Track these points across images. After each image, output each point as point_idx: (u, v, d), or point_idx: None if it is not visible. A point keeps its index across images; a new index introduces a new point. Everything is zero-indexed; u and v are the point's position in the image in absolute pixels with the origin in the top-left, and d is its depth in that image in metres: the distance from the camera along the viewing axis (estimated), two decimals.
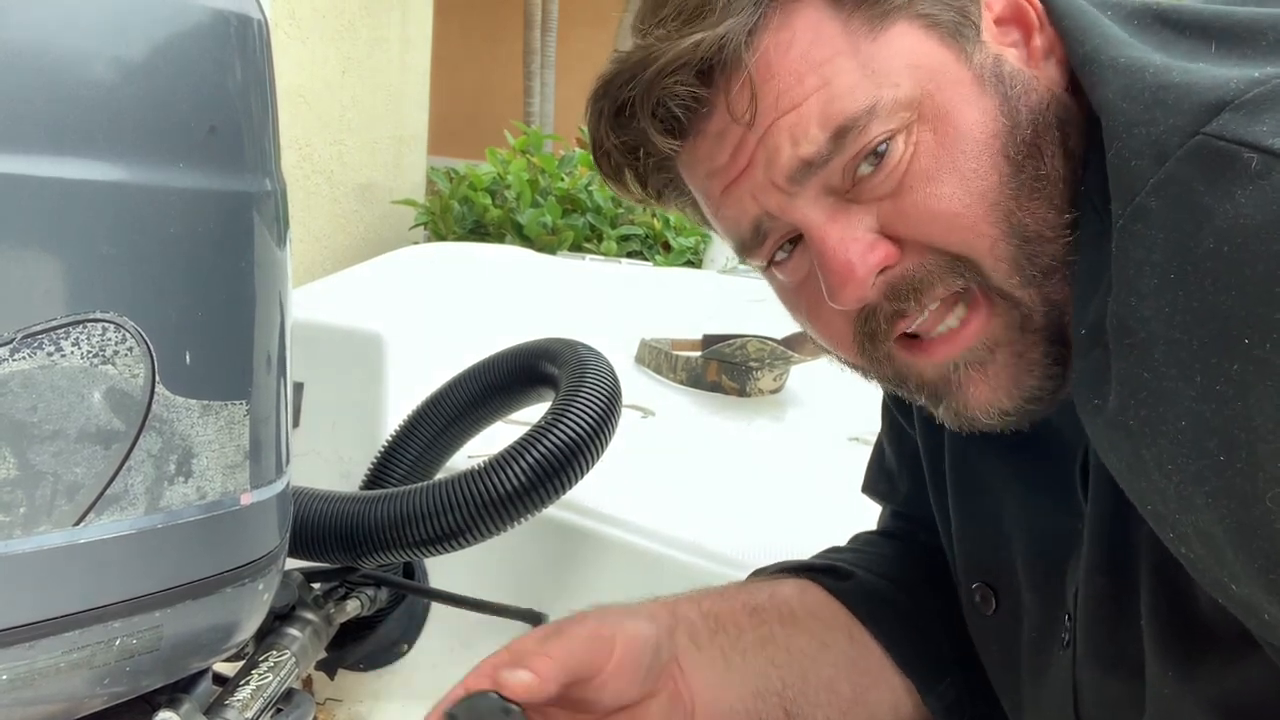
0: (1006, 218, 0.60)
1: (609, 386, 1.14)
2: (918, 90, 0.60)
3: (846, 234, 0.62)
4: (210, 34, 0.70)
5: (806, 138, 0.61)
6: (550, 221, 4.16)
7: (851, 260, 0.62)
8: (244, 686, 0.97)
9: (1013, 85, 0.62)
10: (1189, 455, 0.51)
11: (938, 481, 0.83)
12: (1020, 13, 0.65)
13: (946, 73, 0.61)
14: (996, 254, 0.61)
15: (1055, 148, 0.61)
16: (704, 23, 0.60)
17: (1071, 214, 0.61)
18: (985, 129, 0.60)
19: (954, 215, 0.60)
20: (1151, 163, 0.52)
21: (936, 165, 0.60)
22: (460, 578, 1.39)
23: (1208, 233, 0.49)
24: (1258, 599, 0.51)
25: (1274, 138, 0.49)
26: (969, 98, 0.61)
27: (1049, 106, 0.62)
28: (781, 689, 0.78)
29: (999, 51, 0.63)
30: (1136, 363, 0.52)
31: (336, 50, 4.06)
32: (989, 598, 0.78)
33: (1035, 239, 0.61)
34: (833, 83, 0.60)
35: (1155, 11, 0.62)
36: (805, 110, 0.60)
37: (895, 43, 0.61)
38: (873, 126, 0.60)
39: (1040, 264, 0.61)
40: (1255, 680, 0.58)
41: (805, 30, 0.61)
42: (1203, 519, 0.51)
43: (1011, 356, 0.63)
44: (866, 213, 0.62)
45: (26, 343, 0.62)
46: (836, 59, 0.60)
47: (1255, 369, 0.48)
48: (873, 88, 0.60)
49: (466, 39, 7.81)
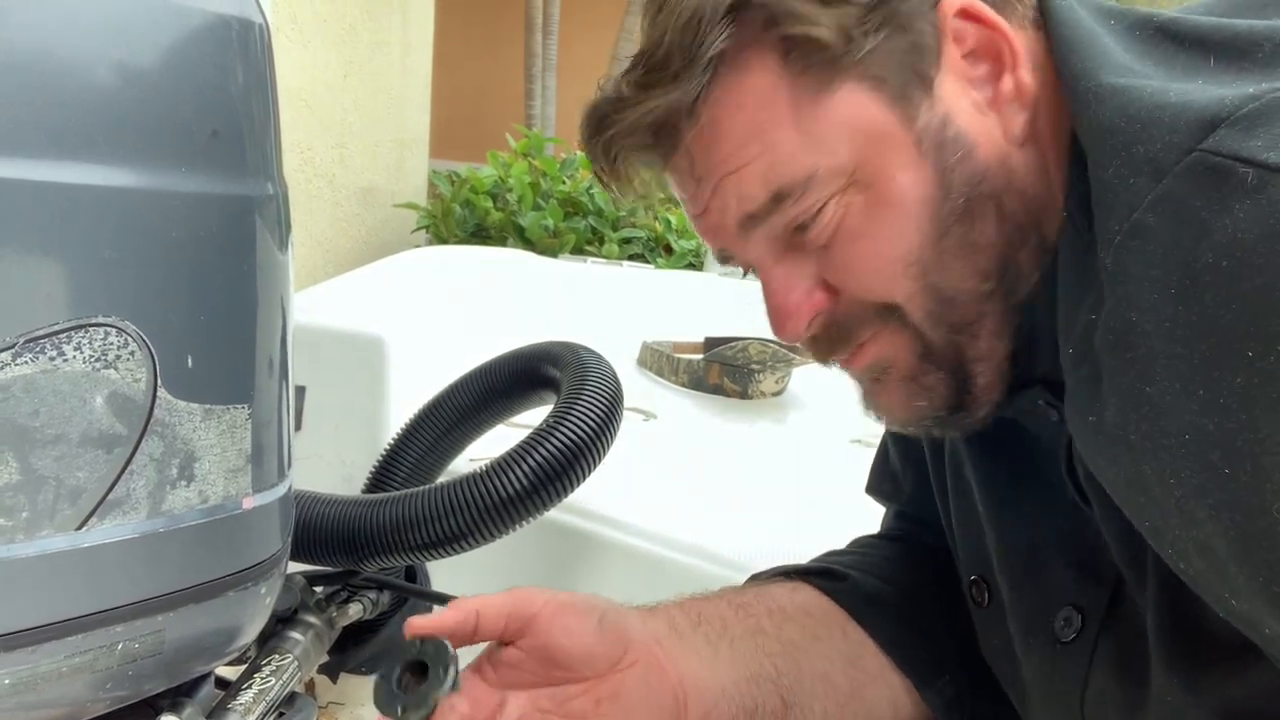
0: (924, 276, 0.64)
1: (611, 389, 1.14)
2: (855, 157, 0.63)
3: (787, 281, 0.68)
4: (212, 38, 0.70)
5: (749, 196, 0.65)
6: (552, 224, 4.16)
7: (788, 306, 0.68)
8: (246, 690, 0.97)
9: (954, 151, 0.63)
10: (1192, 468, 0.51)
11: (940, 476, 0.83)
12: (994, 50, 0.64)
13: (887, 138, 0.63)
14: (913, 304, 0.65)
15: (991, 213, 0.63)
16: (658, 87, 0.64)
17: (992, 282, 0.64)
18: (915, 195, 0.63)
19: (873, 272, 0.65)
20: (1149, 179, 0.53)
21: (861, 227, 0.64)
22: (462, 581, 1.39)
23: (1206, 247, 0.49)
24: (1259, 613, 0.51)
25: (1268, 152, 0.49)
26: (905, 163, 0.63)
27: (990, 172, 0.63)
28: (777, 676, 0.77)
29: (950, 106, 0.63)
30: (1138, 377, 0.52)
31: (338, 54, 4.07)
32: (983, 590, 0.79)
33: (950, 300, 0.65)
34: (775, 149, 0.64)
35: (1157, 24, 0.62)
36: (748, 172, 0.64)
37: (839, 108, 0.63)
38: (809, 195, 0.64)
39: (952, 320, 0.65)
40: (1260, 688, 0.58)
41: (754, 92, 0.64)
42: (1204, 533, 0.51)
43: (905, 379, 0.68)
44: (808, 260, 0.67)
45: (29, 347, 0.62)
46: (781, 125, 0.63)
47: (1258, 381, 0.48)
48: (812, 156, 0.63)
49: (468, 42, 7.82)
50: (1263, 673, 0.57)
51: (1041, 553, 0.72)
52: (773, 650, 0.78)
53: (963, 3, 0.63)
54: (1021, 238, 0.64)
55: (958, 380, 0.67)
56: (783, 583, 0.86)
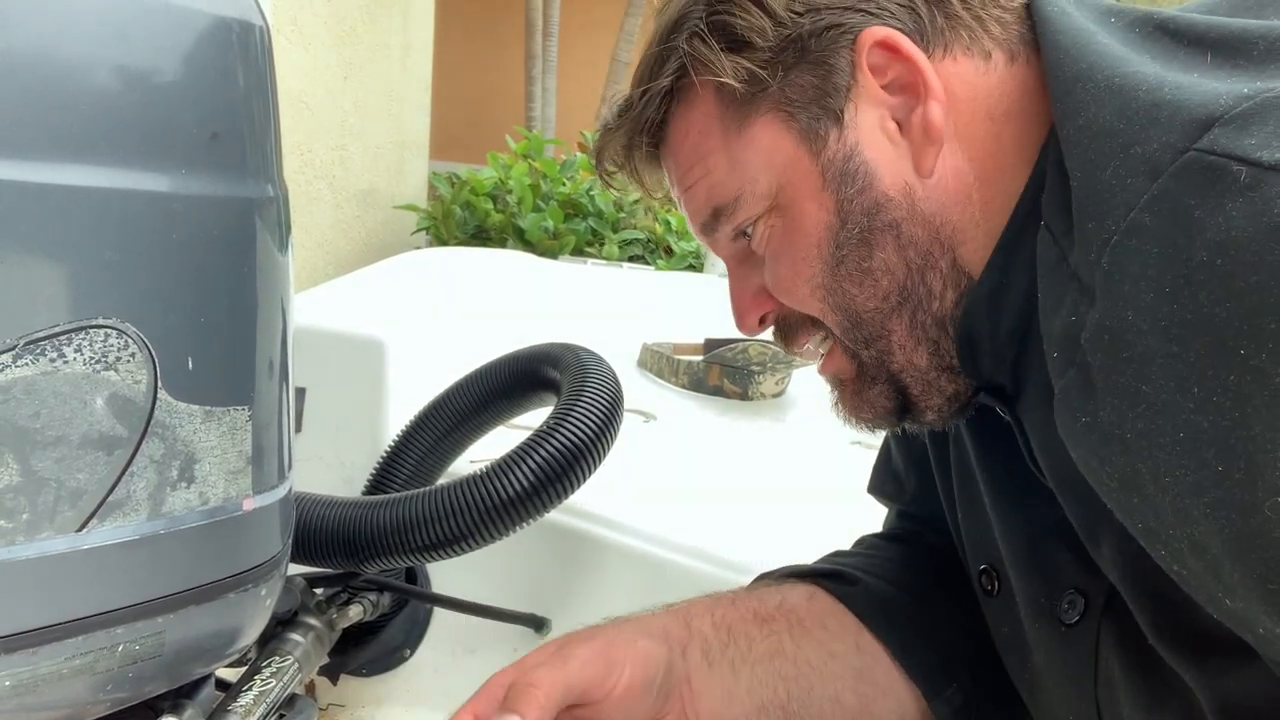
0: (830, 297, 0.71)
1: (611, 391, 1.14)
2: (773, 184, 0.70)
3: (740, 285, 0.77)
4: (212, 40, 0.70)
5: (698, 210, 0.75)
6: (552, 226, 4.16)
7: (738, 305, 0.78)
8: (247, 692, 0.97)
9: (854, 183, 0.68)
10: (1187, 467, 0.51)
11: (943, 468, 0.83)
12: (910, 83, 0.67)
13: (797, 168, 0.69)
14: (828, 319, 0.72)
15: (890, 242, 0.68)
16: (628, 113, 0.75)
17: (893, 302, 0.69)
18: (818, 223, 0.69)
19: (790, 291, 0.73)
20: (1146, 180, 0.53)
21: (779, 249, 0.72)
22: (463, 583, 1.39)
23: (1200, 246, 0.50)
24: (1253, 613, 0.51)
25: (1262, 150, 0.49)
26: (811, 194, 0.69)
27: (889, 203, 0.68)
28: (785, 701, 0.79)
29: (860, 136, 0.68)
30: (1134, 376, 0.52)
31: (338, 56, 4.07)
32: (993, 579, 0.79)
33: (855, 318, 0.71)
34: (711, 174, 0.73)
35: (1156, 21, 0.63)
36: (695, 190, 0.74)
37: (758, 139, 0.70)
38: (739, 214, 0.72)
39: (862, 335, 0.71)
40: (1255, 684, 0.58)
41: (697, 123, 0.73)
42: (1199, 531, 0.51)
43: (853, 392, 0.75)
44: (759, 267, 0.75)
45: (29, 349, 0.62)
46: (715, 152, 0.72)
47: (1252, 379, 0.48)
48: (739, 182, 0.72)
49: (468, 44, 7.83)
50: (1257, 671, 0.57)
51: (1043, 538, 0.73)
52: (788, 674, 0.81)
53: (882, 35, 0.67)
54: (927, 262, 0.68)
55: (895, 390, 0.73)
56: (797, 587, 0.86)
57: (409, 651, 1.46)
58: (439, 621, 1.46)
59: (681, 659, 0.76)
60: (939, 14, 0.67)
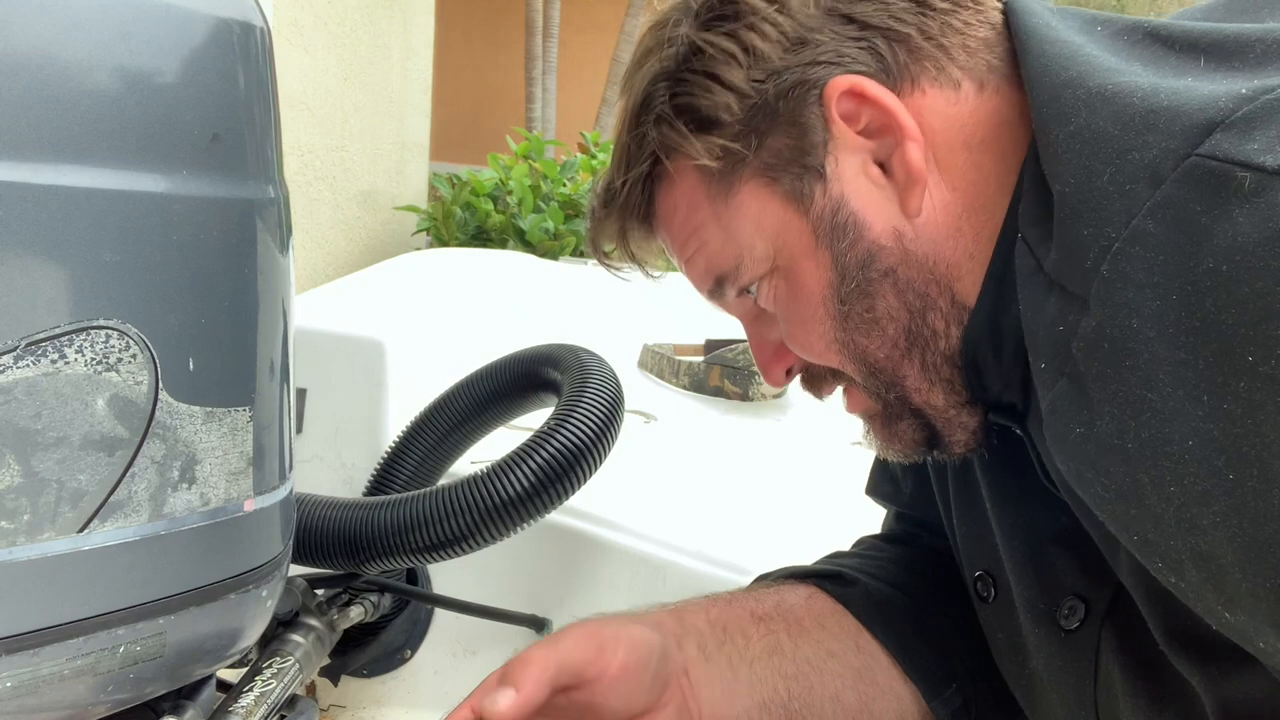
0: (844, 348, 0.70)
1: (611, 392, 1.14)
2: (770, 248, 0.70)
3: (759, 342, 0.78)
4: (213, 42, 0.70)
5: (700, 279, 0.75)
6: (552, 227, 4.16)
7: (763, 362, 0.78)
8: (248, 693, 0.97)
9: (844, 235, 0.68)
10: (1195, 475, 0.50)
11: (940, 474, 0.83)
12: (885, 127, 0.66)
13: (789, 230, 0.69)
14: (850, 370, 0.72)
15: (889, 288, 0.68)
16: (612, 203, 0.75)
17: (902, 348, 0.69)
18: (819, 279, 0.69)
19: (805, 348, 0.73)
20: (1147, 186, 0.53)
21: (788, 309, 0.72)
22: (464, 583, 1.39)
23: (1206, 252, 0.49)
24: (1255, 626, 0.51)
25: (1265, 155, 0.49)
26: (807, 252, 0.69)
27: (882, 251, 0.68)
28: (787, 699, 0.79)
29: (845, 187, 0.68)
30: (1139, 384, 0.52)
31: (338, 57, 4.07)
32: (989, 585, 0.79)
33: (871, 364, 0.70)
34: (707, 245, 0.73)
35: (1146, 29, 0.62)
36: (695, 261, 0.74)
37: (745, 207, 0.70)
38: (742, 278, 0.72)
39: (881, 380, 0.71)
40: (1256, 690, 0.58)
41: (682, 198, 0.73)
42: (1207, 541, 0.51)
43: (881, 427, 0.74)
44: (773, 323, 0.75)
45: (30, 350, 0.62)
46: (706, 224, 0.72)
47: (1261, 385, 0.48)
48: (736, 249, 0.71)
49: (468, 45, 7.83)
50: (1258, 676, 0.56)
51: (1044, 544, 0.72)
52: (788, 672, 0.80)
53: (847, 84, 0.66)
54: (925, 303, 0.68)
55: (922, 423, 0.72)
56: (795, 587, 0.86)
57: (410, 652, 1.46)
58: (440, 622, 1.46)
59: (677, 648, 0.76)
60: (900, 50, 0.66)
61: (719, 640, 0.79)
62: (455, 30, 6.98)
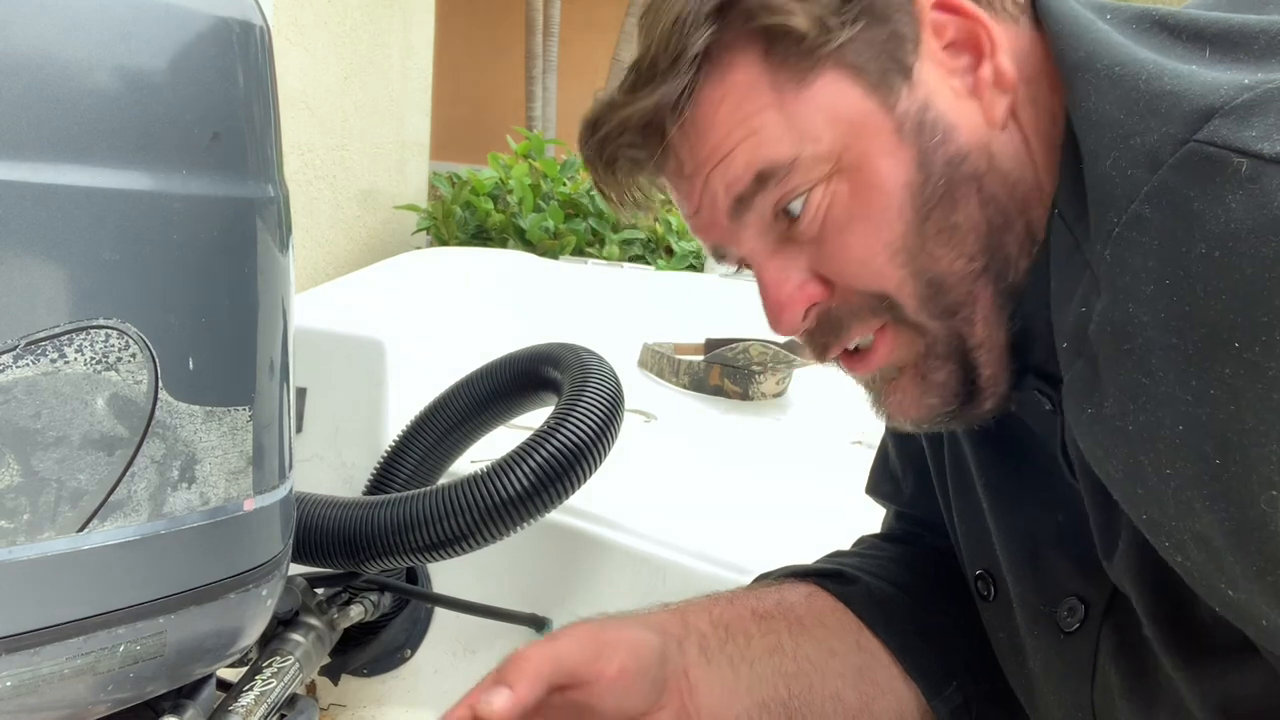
0: (911, 262, 0.64)
1: (611, 391, 1.14)
2: (838, 144, 0.64)
3: (782, 274, 0.68)
4: (213, 41, 0.70)
5: (736, 178, 0.66)
6: (552, 226, 4.16)
7: (782, 300, 0.68)
8: (248, 692, 0.97)
9: (933, 134, 0.64)
10: (1186, 459, 0.51)
11: (941, 475, 0.83)
12: (972, 39, 0.65)
13: (867, 124, 0.64)
14: (904, 292, 0.65)
15: (972, 195, 0.64)
16: (647, 88, 0.66)
17: (979, 263, 0.64)
18: (898, 179, 0.64)
19: (861, 262, 0.65)
20: (1145, 171, 0.53)
21: (848, 215, 0.65)
22: (463, 583, 1.39)
23: (1199, 238, 0.50)
24: (1256, 604, 0.52)
25: (1263, 142, 0.49)
26: (886, 149, 0.64)
27: (971, 154, 0.64)
28: (787, 698, 0.79)
29: (931, 91, 0.65)
30: (1135, 368, 0.53)
31: (339, 56, 4.07)
32: (989, 584, 0.79)
33: (939, 283, 0.65)
34: (760, 132, 0.65)
35: (1154, 18, 0.62)
36: (734, 156, 0.66)
37: (819, 96, 0.64)
38: (793, 178, 0.65)
39: (944, 304, 0.65)
40: (1255, 684, 0.58)
41: (737, 86, 0.66)
42: (1202, 524, 0.52)
43: (916, 378, 0.68)
44: (802, 252, 0.68)
45: (30, 349, 0.62)
46: (765, 111, 0.65)
47: (1245, 372, 0.48)
48: (795, 141, 0.65)
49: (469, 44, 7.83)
50: (1257, 670, 0.57)
51: (1043, 545, 0.72)
52: (788, 671, 0.80)
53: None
54: (1005, 221, 0.65)
55: (964, 371, 0.67)
56: (796, 586, 0.86)
57: (410, 651, 1.46)
58: (440, 622, 1.46)
59: (678, 651, 0.76)
60: None
61: (721, 640, 0.79)
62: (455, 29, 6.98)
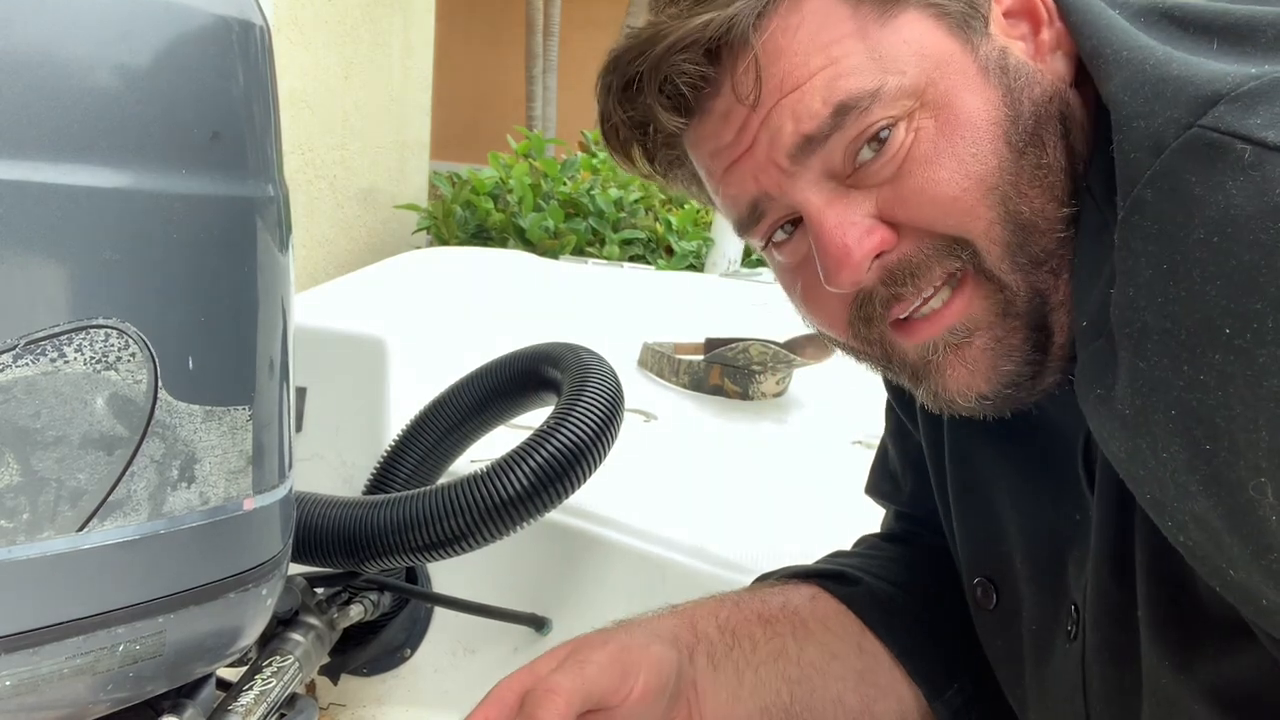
0: (1003, 202, 0.61)
1: (611, 391, 1.14)
2: (923, 78, 0.61)
3: (844, 218, 0.63)
4: (212, 40, 0.70)
5: (809, 113, 0.62)
6: (552, 226, 4.16)
7: (848, 244, 0.63)
8: (247, 692, 0.97)
9: (1017, 77, 0.63)
10: (1181, 443, 0.51)
11: (940, 478, 0.83)
12: (1030, 6, 0.65)
13: (952, 62, 0.62)
14: (991, 236, 0.62)
15: (1058, 139, 0.62)
16: (715, 3, 0.61)
17: (1071, 207, 0.61)
18: (987, 116, 0.61)
19: (951, 199, 0.61)
20: (1149, 155, 0.53)
21: (936, 151, 0.61)
22: (463, 582, 1.39)
23: (1198, 223, 0.50)
24: (1256, 584, 0.52)
25: (1266, 130, 0.49)
26: (973, 86, 0.62)
27: (1052, 99, 0.63)
28: (789, 703, 0.79)
29: (1005, 44, 0.64)
30: (1133, 352, 0.53)
31: (339, 55, 4.07)
32: (990, 592, 0.79)
33: (1030, 226, 0.62)
34: (840, 62, 0.61)
35: (1162, 9, 0.63)
36: (809, 87, 0.61)
37: (903, 30, 0.62)
38: (875, 110, 0.61)
39: (1032, 251, 0.62)
40: (1250, 670, 0.58)
41: (814, 14, 0.62)
42: (1199, 506, 0.52)
43: (990, 340, 0.64)
44: (866, 198, 0.63)
45: (30, 349, 0.62)
46: (845, 40, 0.62)
47: (1235, 359, 0.48)
48: (879, 72, 0.61)
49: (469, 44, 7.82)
50: (1252, 656, 0.57)
51: (1060, 550, 0.72)
52: (791, 676, 0.80)
53: None
54: (1086, 169, 0.63)
55: (1039, 336, 0.63)
56: (800, 588, 0.86)
57: (410, 651, 1.46)
58: (439, 621, 1.46)
59: (689, 663, 0.76)
60: None
61: (727, 647, 0.79)
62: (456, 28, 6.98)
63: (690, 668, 0.76)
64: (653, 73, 0.63)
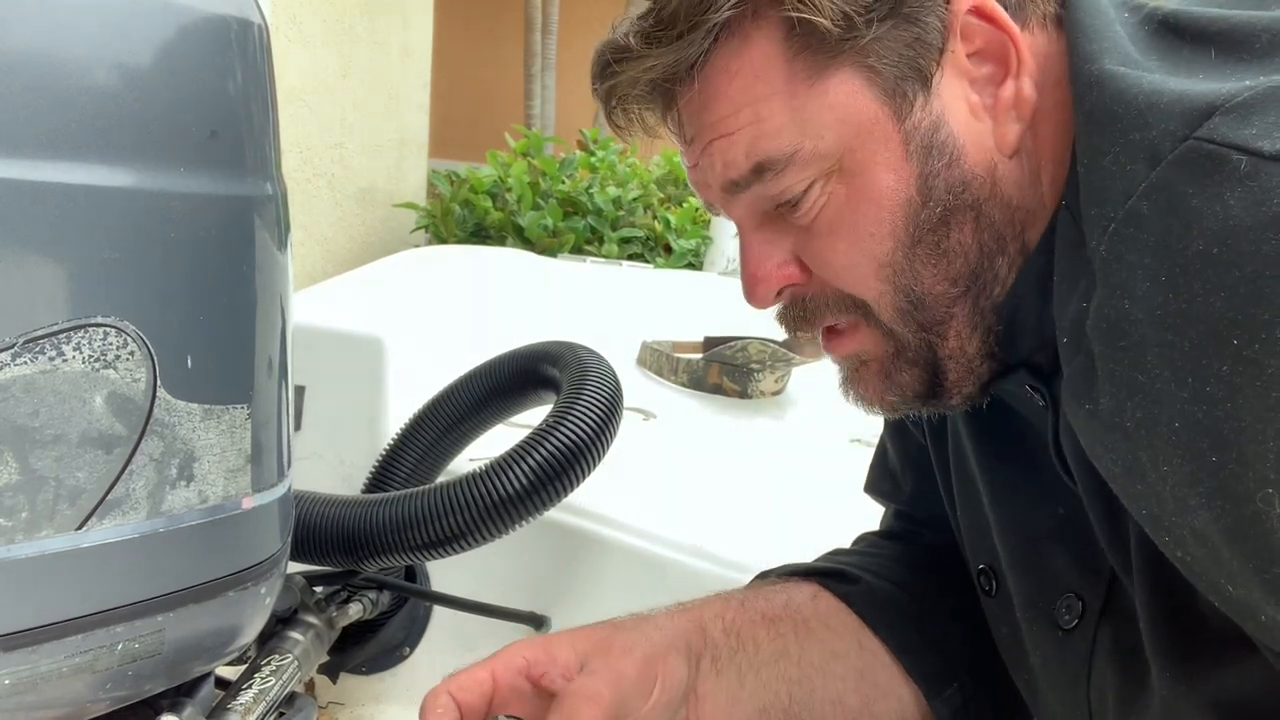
0: (895, 278, 0.65)
1: (610, 389, 1.14)
2: (842, 145, 0.63)
3: (764, 250, 0.69)
4: (211, 38, 0.70)
5: (733, 163, 0.66)
6: (551, 224, 4.16)
7: (759, 275, 0.69)
8: (246, 690, 0.97)
9: (940, 157, 0.63)
10: (1183, 456, 0.51)
11: (944, 467, 0.83)
12: (1001, 52, 0.64)
13: (875, 132, 0.63)
14: (883, 303, 0.66)
15: (967, 224, 0.64)
16: (661, 44, 0.65)
17: (962, 287, 0.65)
18: (895, 197, 0.64)
19: (844, 268, 0.66)
20: (1144, 167, 0.53)
21: (840, 220, 0.65)
22: (462, 581, 1.39)
23: (1197, 235, 0.50)
24: (1255, 599, 0.52)
25: (1262, 140, 0.49)
26: (889, 162, 0.63)
27: (969, 185, 0.64)
28: (788, 704, 0.79)
29: (946, 106, 0.63)
30: (1131, 365, 0.53)
31: (337, 54, 4.06)
32: (990, 579, 0.79)
33: (920, 301, 0.65)
34: (764, 121, 0.64)
35: (1160, 18, 0.63)
36: (736, 139, 0.65)
37: (831, 93, 0.63)
38: (789, 173, 0.64)
39: (922, 319, 0.66)
40: (1251, 682, 0.58)
41: (752, 63, 0.64)
42: (1199, 520, 0.52)
43: (879, 372, 0.69)
44: (787, 233, 0.68)
45: (28, 347, 0.62)
46: (773, 99, 0.64)
47: (1244, 369, 0.48)
48: (798, 135, 0.63)
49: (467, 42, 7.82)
50: (1254, 667, 0.57)
51: (1042, 540, 0.72)
52: (792, 676, 0.80)
53: (976, 0, 0.63)
54: (999, 245, 0.65)
55: (930, 375, 0.68)
56: (801, 586, 0.86)
57: (409, 650, 1.46)
58: (438, 620, 1.46)
59: (695, 669, 0.76)
60: None
61: (732, 650, 0.79)
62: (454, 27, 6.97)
63: (695, 674, 0.76)
64: (612, 96, 0.69)
